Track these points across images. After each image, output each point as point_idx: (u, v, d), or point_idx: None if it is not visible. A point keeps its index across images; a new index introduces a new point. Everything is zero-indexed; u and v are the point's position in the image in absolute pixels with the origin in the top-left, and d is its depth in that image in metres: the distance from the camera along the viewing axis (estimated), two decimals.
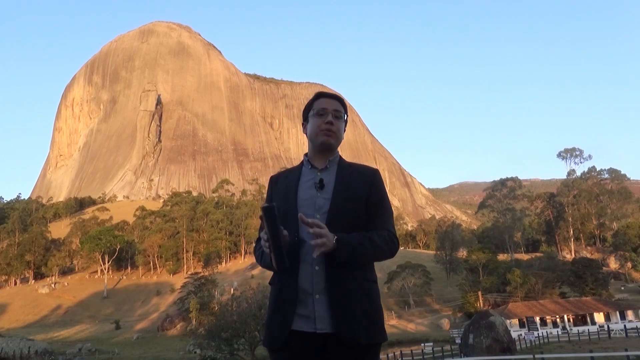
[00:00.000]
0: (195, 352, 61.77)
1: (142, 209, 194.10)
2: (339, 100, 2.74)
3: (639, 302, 73.18)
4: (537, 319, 64.41)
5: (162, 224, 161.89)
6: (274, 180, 2.75)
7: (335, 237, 2.36)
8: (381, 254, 2.49)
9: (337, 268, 2.40)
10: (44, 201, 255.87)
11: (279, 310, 2.43)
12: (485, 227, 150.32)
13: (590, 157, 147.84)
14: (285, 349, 2.39)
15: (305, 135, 2.78)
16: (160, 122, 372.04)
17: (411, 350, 46.43)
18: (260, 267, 2.48)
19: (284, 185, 2.65)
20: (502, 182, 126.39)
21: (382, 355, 45.08)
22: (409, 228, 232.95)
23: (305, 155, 2.74)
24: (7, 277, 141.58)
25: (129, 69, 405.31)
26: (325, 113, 2.65)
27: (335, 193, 2.53)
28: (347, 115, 2.76)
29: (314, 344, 2.38)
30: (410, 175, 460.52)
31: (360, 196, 2.55)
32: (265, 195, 2.91)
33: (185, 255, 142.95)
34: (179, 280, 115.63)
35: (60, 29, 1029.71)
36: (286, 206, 2.53)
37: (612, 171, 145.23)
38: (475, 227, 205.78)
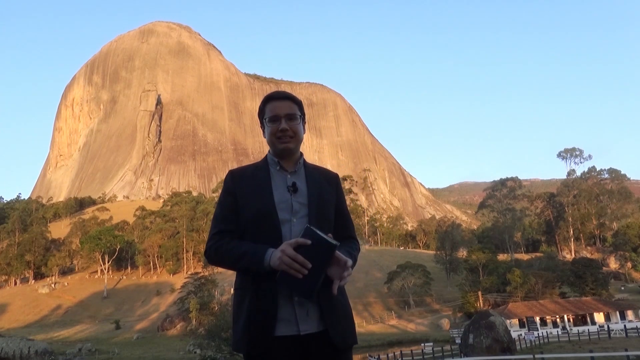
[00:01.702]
0: (195, 352, 61.71)
1: (142, 209, 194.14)
2: (291, 99, 2.59)
3: (639, 302, 73.22)
4: (537, 319, 64.42)
5: (162, 224, 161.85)
6: (237, 175, 2.56)
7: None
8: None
9: None
10: (44, 201, 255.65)
11: (257, 316, 2.34)
12: (485, 227, 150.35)
13: (590, 157, 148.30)
14: (265, 354, 2.32)
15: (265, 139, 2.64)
16: (160, 122, 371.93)
17: (411, 350, 46.46)
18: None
19: (252, 183, 2.51)
20: (502, 182, 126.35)
21: (382, 355, 45.06)
22: (409, 228, 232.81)
23: (270, 153, 2.61)
24: (7, 277, 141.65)
25: (129, 69, 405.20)
26: (278, 119, 2.51)
27: (310, 198, 2.48)
28: (304, 114, 2.62)
29: (296, 347, 2.34)
30: (410, 175, 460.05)
31: (331, 201, 2.56)
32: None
33: (185, 255, 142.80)
34: (179, 280, 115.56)
35: (60, 29, 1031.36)
36: (261, 206, 2.43)
37: (612, 171, 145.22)
38: (475, 227, 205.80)
